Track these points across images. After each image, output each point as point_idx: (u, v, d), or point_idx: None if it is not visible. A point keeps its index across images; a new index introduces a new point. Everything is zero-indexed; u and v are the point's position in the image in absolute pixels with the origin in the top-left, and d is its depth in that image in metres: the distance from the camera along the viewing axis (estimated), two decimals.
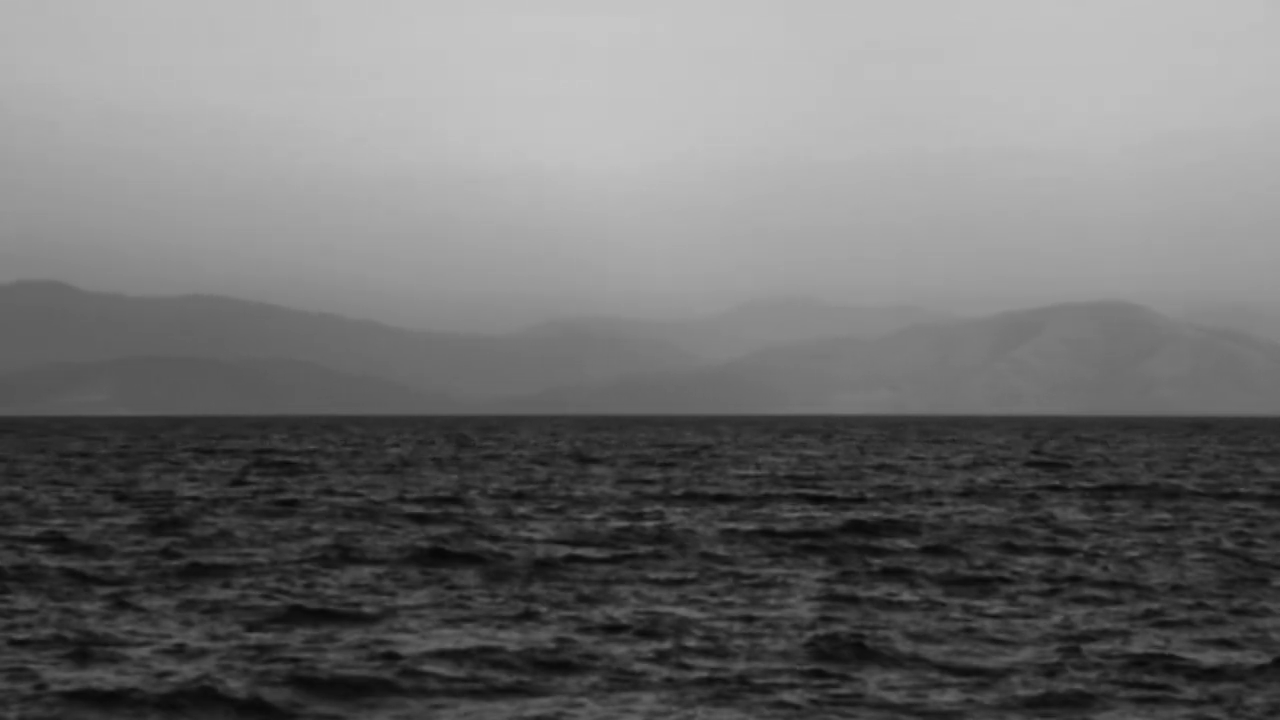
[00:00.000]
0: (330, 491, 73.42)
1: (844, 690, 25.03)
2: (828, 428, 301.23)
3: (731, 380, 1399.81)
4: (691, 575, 39.14)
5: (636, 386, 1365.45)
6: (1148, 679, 25.90)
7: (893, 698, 24.54)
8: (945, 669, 26.64)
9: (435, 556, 42.55)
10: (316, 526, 52.93)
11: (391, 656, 27.26)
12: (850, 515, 57.06)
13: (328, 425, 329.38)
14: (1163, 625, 31.18)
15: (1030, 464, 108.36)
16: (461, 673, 25.95)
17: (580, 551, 44.52)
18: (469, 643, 28.59)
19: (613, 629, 30.25)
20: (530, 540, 47.92)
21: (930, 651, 28.05)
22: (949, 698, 24.44)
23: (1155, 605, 33.67)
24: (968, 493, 71.79)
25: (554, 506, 63.00)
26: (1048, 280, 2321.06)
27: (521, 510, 60.86)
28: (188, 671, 26.16)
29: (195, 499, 67.85)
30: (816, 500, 66.44)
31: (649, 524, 53.87)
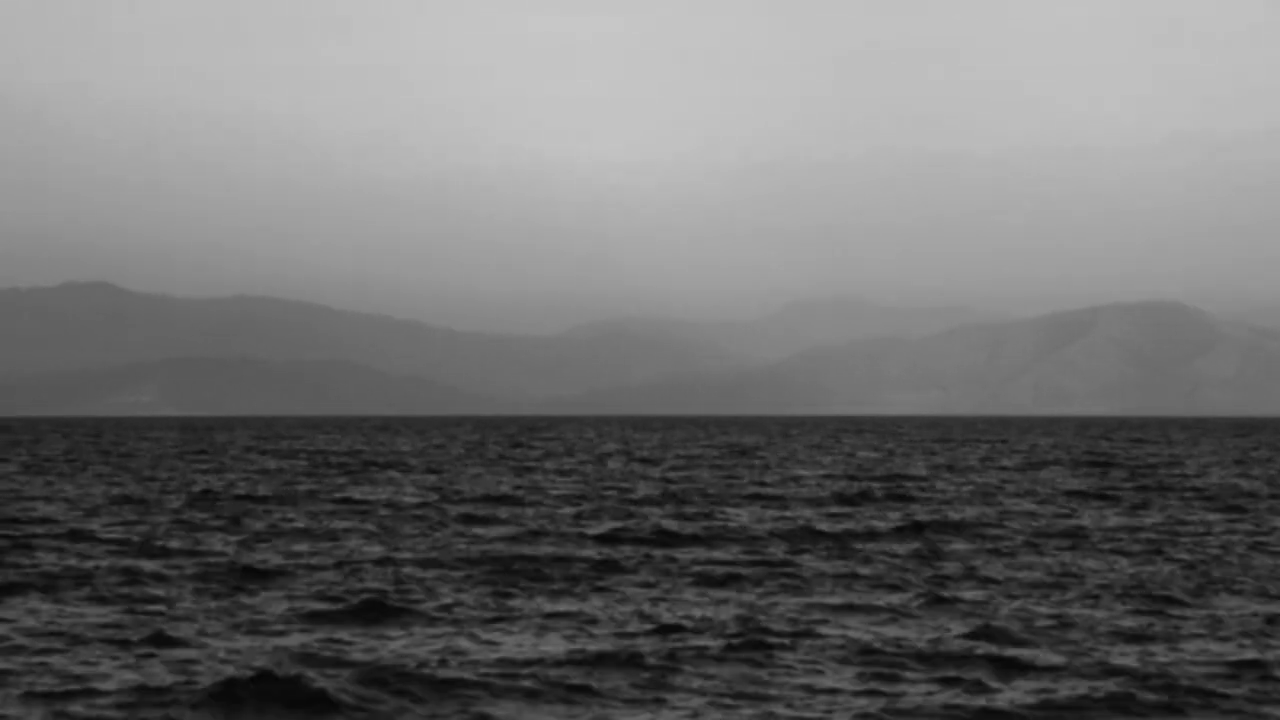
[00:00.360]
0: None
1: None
2: (880, 428, 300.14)
3: (778, 380, 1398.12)
4: (748, 573, 38.69)
5: (682, 387, 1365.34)
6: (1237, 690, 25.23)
7: (1002, 701, 23.94)
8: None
9: (495, 558, 42.15)
10: (369, 526, 52.63)
11: (455, 654, 26.90)
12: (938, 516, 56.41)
13: (380, 426, 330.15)
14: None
15: (1087, 463, 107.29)
16: (523, 673, 25.54)
17: (641, 550, 44.01)
18: (529, 644, 28.17)
19: (673, 629, 29.76)
20: (589, 537, 47.51)
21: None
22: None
23: None
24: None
25: (615, 506, 62.54)
26: (1096, 280, 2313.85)
27: (579, 510, 60.41)
28: (250, 667, 25.93)
29: (260, 496, 67.69)
30: (906, 499, 66.12)
31: (711, 523, 53.32)
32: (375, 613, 31.67)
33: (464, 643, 28.52)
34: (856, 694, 24.46)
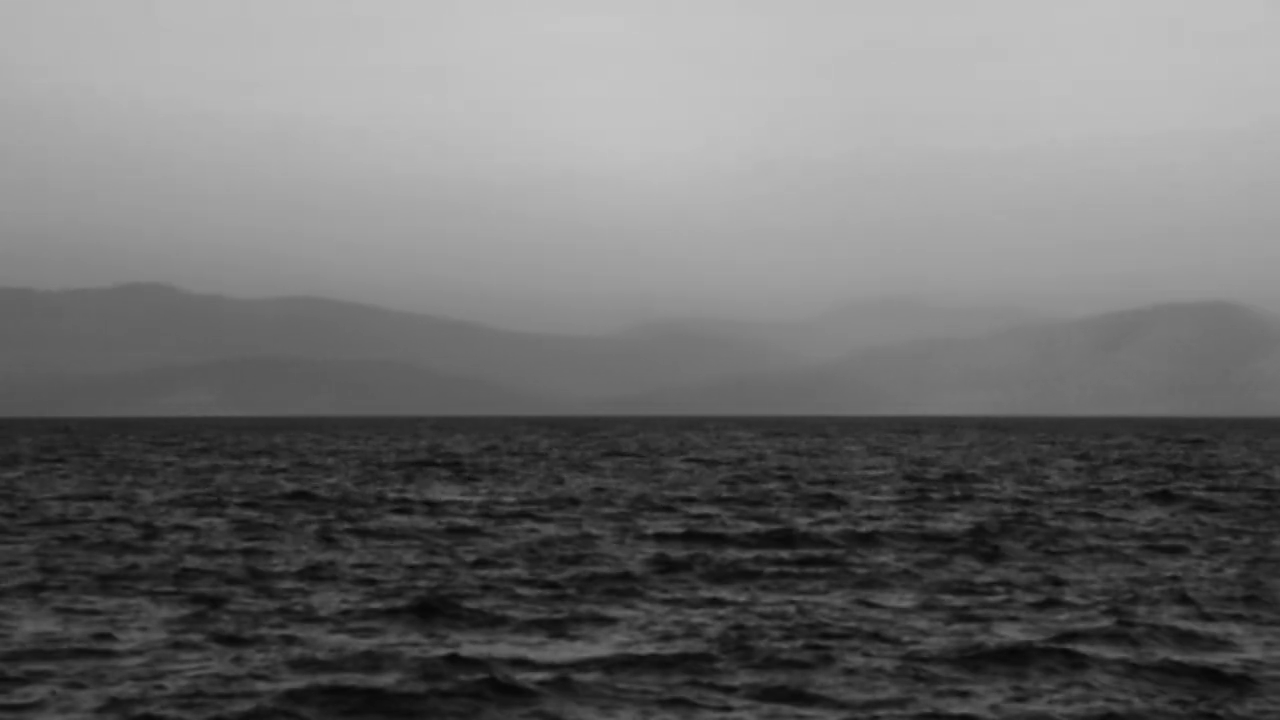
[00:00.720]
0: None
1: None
2: (935, 428, 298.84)
3: (831, 381, 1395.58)
4: (810, 572, 38.46)
5: (734, 387, 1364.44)
6: None
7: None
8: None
9: (558, 558, 41.98)
10: (432, 525, 52.49)
11: (517, 656, 26.77)
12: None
13: (435, 426, 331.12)
14: None
15: (1153, 463, 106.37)
16: (584, 675, 25.40)
17: (699, 550, 43.74)
18: (589, 645, 27.96)
19: (734, 629, 29.55)
20: (649, 536, 47.28)
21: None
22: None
23: None
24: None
25: (670, 507, 62.28)
26: (1150, 281, 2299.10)
27: (638, 510, 60.18)
28: (315, 663, 25.87)
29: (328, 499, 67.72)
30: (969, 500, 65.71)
31: (773, 524, 53.01)
32: (436, 613, 31.47)
33: (525, 644, 28.33)
34: (915, 697, 24.13)
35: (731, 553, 43.72)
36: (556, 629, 29.95)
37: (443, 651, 27.26)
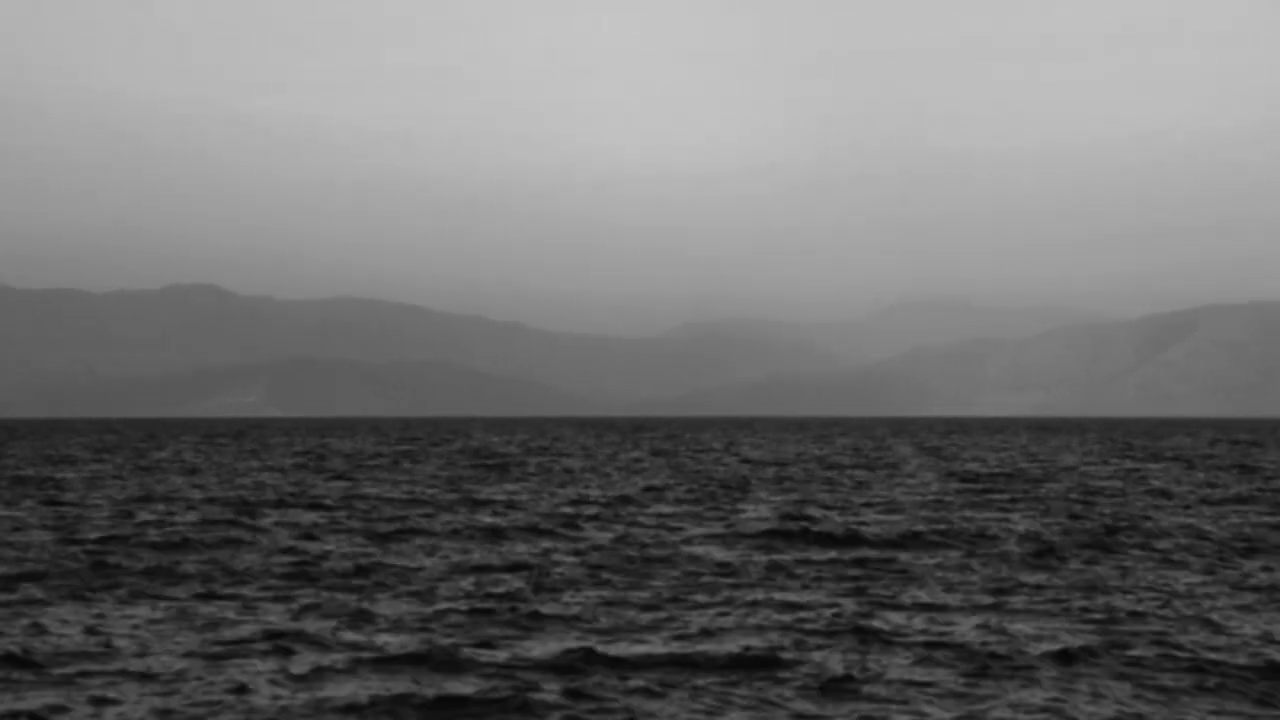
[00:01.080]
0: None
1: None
2: (985, 428, 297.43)
3: (877, 381, 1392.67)
4: (867, 573, 38.02)
5: (781, 388, 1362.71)
6: None
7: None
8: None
9: (626, 559, 41.65)
10: (502, 523, 52.19)
11: (593, 656, 26.47)
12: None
13: (488, 426, 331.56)
14: None
15: (1213, 465, 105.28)
16: (659, 674, 25.21)
17: (760, 552, 43.31)
18: (663, 646, 27.62)
19: (789, 630, 29.19)
20: (713, 536, 46.89)
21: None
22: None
23: None
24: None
25: (719, 512, 61.85)
26: (1198, 281, 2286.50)
27: (696, 511, 59.75)
28: (399, 659, 25.57)
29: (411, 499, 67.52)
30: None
31: (828, 525, 52.50)
32: (515, 614, 31.16)
33: (604, 645, 27.99)
34: (962, 698, 23.71)
35: (790, 554, 43.31)
36: (634, 628, 29.74)
37: (524, 651, 26.97)
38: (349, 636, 29.03)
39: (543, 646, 27.76)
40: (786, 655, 26.79)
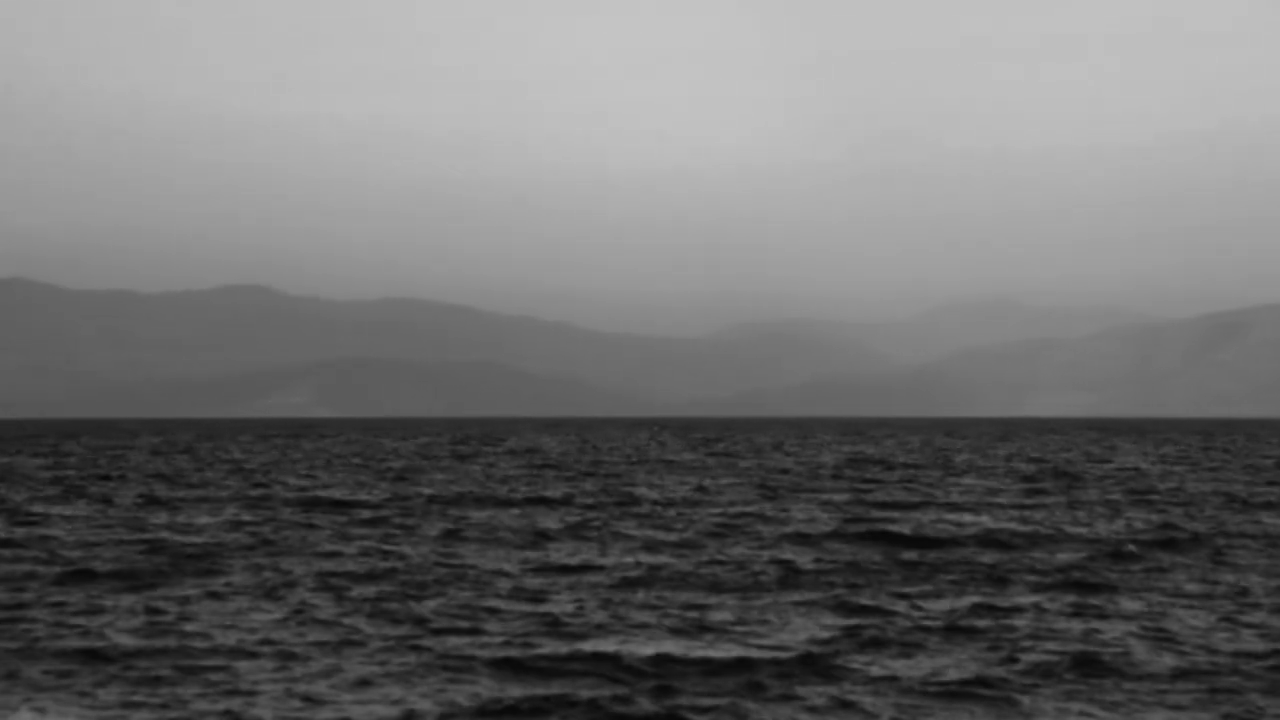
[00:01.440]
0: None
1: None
2: (1046, 429, 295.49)
3: (929, 382, 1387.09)
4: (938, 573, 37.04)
5: (832, 388, 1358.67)
6: None
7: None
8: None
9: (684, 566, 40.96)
10: (547, 526, 51.43)
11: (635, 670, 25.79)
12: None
13: (543, 428, 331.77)
14: None
15: None
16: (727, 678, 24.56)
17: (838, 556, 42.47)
18: (735, 651, 26.87)
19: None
20: (786, 537, 46.09)
21: None
22: None
23: None
24: None
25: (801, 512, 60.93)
26: (1251, 280, 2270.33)
27: (759, 514, 58.90)
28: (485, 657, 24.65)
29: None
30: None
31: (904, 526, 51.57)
32: (559, 620, 30.38)
33: (674, 647, 27.20)
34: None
35: (861, 555, 42.51)
36: (698, 633, 29.11)
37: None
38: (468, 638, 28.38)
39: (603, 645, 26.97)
40: (857, 652, 26.07)
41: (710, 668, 25.35)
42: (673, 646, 27.55)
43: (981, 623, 30.06)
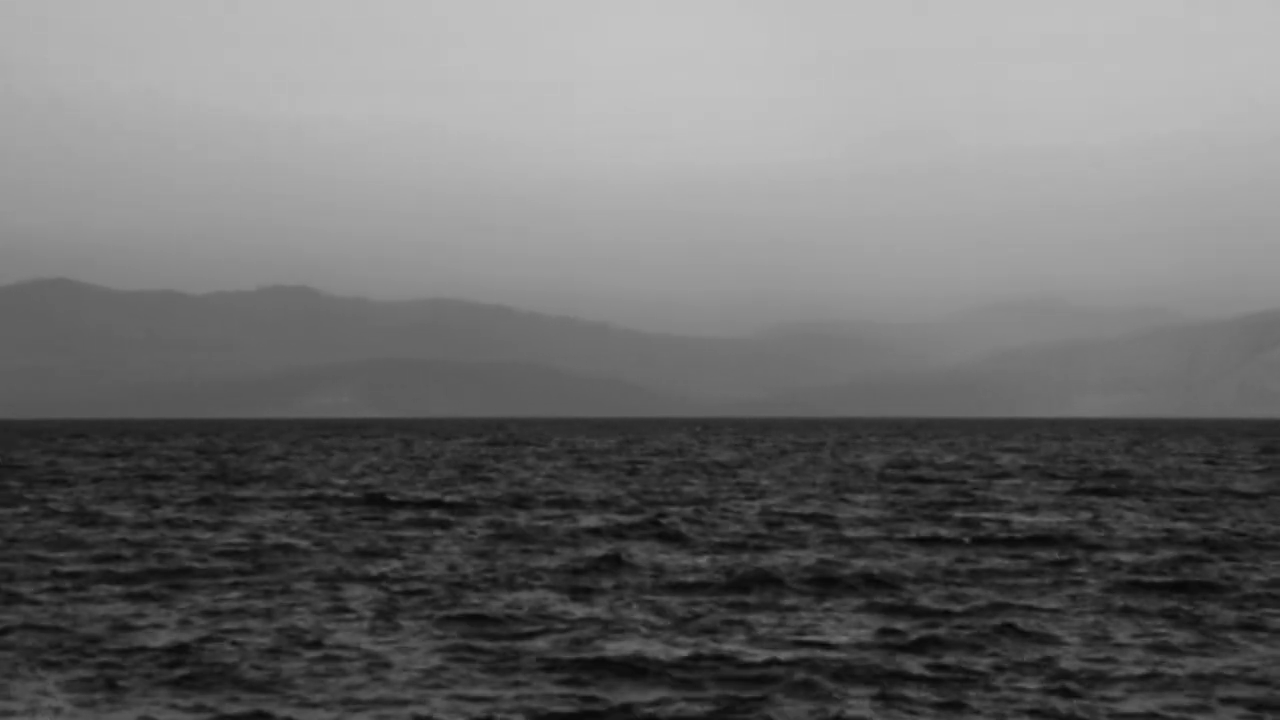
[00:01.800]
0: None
1: None
2: (1084, 429, 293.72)
3: (969, 383, 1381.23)
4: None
5: (872, 389, 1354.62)
6: None
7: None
8: None
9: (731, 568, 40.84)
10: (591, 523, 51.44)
11: (710, 656, 25.71)
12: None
13: (585, 428, 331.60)
14: None
15: None
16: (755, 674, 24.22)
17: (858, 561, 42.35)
18: (763, 652, 26.77)
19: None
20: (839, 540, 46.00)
21: None
22: None
23: None
24: None
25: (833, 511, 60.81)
26: None
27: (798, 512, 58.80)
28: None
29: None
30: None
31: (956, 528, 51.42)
32: (601, 625, 30.32)
33: (714, 646, 27.15)
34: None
35: (909, 556, 42.35)
36: (735, 634, 28.95)
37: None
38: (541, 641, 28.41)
39: (632, 646, 26.94)
40: (905, 654, 25.96)
41: (754, 670, 25.27)
42: (714, 647, 27.59)
43: (1028, 625, 29.94)
